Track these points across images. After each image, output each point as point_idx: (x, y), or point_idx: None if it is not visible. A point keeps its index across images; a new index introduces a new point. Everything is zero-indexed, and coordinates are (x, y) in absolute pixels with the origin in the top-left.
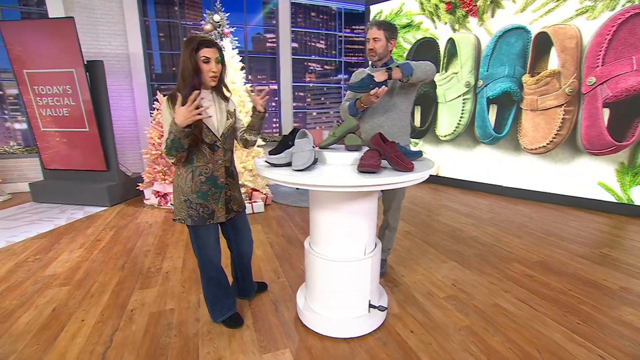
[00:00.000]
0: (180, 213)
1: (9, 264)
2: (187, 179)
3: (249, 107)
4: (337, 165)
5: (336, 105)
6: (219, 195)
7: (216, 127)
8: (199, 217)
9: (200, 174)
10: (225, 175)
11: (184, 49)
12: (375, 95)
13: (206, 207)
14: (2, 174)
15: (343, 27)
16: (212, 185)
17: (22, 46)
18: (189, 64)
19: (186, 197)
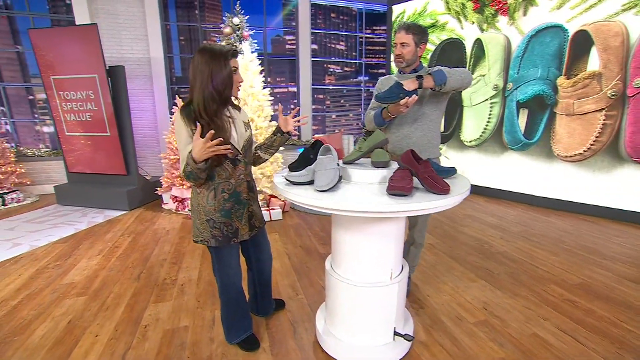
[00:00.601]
0: (203, 234)
1: (31, 269)
2: (209, 198)
3: (267, 112)
4: (363, 183)
5: (356, 107)
6: (242, 211)
7: (237, 141)
8: (224, 237)
9: (223, 191)
10: (247, 190)
11: (211, 57)
12: (405, 105)
13: (230, 225)
14: (30, 176)
15: (364, 28)
16: (235, 202)
17: (50, 53)
18: (223, 76)
19: (209, 217)
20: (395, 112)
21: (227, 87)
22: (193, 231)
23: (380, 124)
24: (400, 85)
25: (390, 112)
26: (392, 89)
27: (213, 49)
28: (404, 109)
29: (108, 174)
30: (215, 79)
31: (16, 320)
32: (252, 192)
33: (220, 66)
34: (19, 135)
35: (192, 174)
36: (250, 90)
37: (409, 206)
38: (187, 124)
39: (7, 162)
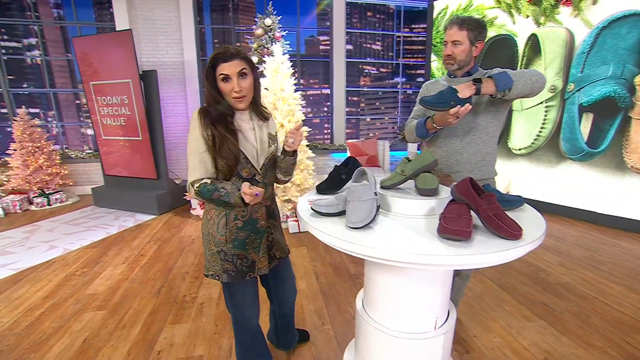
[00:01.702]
0: (213, 267)
1: (61, 275)
2: (220, 226)
3: (298, 116)
4: (405, 216)
5: (391, 110)
6: (260, 242)
7: (256, 157)
8: (237, 272)
9: (236, 217)
10: (267, 216)
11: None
12: (455, 115)
13: (245, 258)
14: (73, 177)
15: (402, 27)
16: (251, 231)
17: (89, 59)
18: (207, 86)
19: (220, 248)
20: (442, 123)
21: (215, 100)
22: (205, 263)
23: (423, 135)
24: (454, 90)
25: (436, 122)
26: (443, 95)
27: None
28: (453, 120)
29: (140, 177)
30: (206, 90)
31: (36, 333)
32: (273, 219)
33: (206, 75)
34: (67, 137)
35: (217, 202)
36: (280, 94)
37: (470, 259)
38: (202, 125)
39: (53, 164)
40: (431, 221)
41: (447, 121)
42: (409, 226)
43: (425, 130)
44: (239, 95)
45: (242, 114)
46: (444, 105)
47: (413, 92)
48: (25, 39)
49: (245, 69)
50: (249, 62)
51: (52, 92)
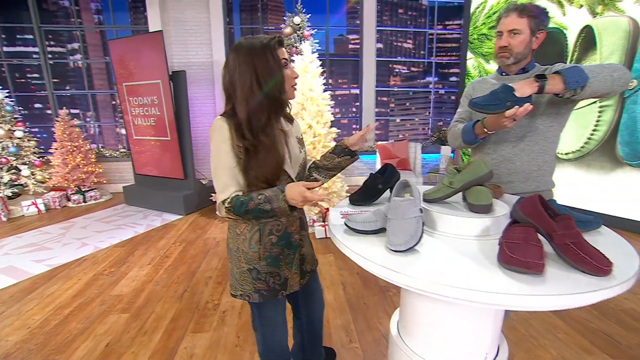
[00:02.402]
0: (243, 287)
1: (90, 274)
2: (253, 242)
3: (327, 117)
4: (453, 236)
5: (422, 111)
6: (293, 257)
7: (291, 165)
8: (269, 291)
9: (271, 232)
10: (300, 228)
11: (250, 51)
12: (512, 117)
13: (278, 275)
14: (107, 175)
15: (435, 24)
16: (284, 246)
17: (123, 61)
18: (273, 74)
19: (251, 266)
20: (495, 127)
21: (281, 88)
22: (230, 280)
23: (471, 141)
24: (510, 89)
25: (488, 126)
26: (497, 94)
27: (252, 42)
28: (509, 123)
29: (168, 177)
30: (262, 80)
31: (63, 334)
32: (304, 230)
33: (266, 60)
34: (103, 137)
35: (260, 213)
36: (309, 94)
37: (546, 301)
38: (233, 136)
39: (89, 162)
40: (486, 244)
41: (502, 124)
42: (460, 250)
43: (474, 135)
44: (296, 83)
45: None
46: (498, 107)
47: (445, 92)
48: (69, 44)
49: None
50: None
51: (90, 93)
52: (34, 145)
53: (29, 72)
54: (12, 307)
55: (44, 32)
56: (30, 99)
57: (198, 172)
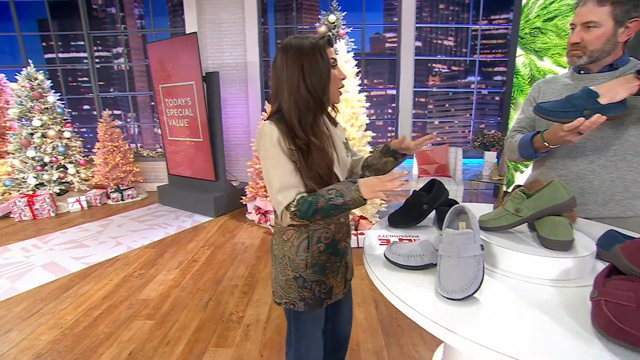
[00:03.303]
0: (288, 295)
1: (121, 274)
2: (301, 249)
3: (362, 120)
4: (521, 278)
5: (463, 113)
6: (339, 265)
7: (339, 168)
8: (315, 300)
9: (319, 240)
10: (346, 235)
11: (299, 51)
12: (576, 130)
13: (324, 284)
14: (144, 175)
15: (480, 18)
16: (331, 254)
17: (159, 63)
18: (320, 73)
19: (298, 274)
20: (555, 140)
21: (326, 88)
22: (274, 288)
23: (529, 156)
24: (591, 93)
25: (549, 141)
26: (573, 100)
27: (301, 42)
28: (572, 138)
29: (199, 178)
30: (309, 79)
31: (90, 338)
32: (349, 237)
33: (315, 60)
34: (142, 137)
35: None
36: (344, 95)
37: None
38: (286, 141)
39: (127, 162)
40: (565, 292)
41: (563, 139)
42: (532, 299)
43: (533, 150)
44: (343, 85)
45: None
46: (571, 115)
47: (489, 92)
48: (114, 48)
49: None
50: None
51: (130, 95)
52: (79, 145)
53: (79, 76)
54: (49, 305)
55: (92, 38)
56: (80, 101)
57: (229, 174)
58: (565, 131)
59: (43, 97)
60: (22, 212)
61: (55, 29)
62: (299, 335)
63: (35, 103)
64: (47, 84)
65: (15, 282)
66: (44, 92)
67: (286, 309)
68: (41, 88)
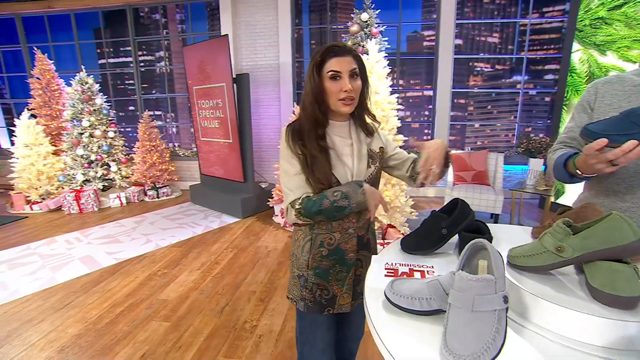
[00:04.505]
0: (293, 291)
1: (146, 272)
2: (305, 249)
3: (393, 123)
4: (559, 339)
5: (507, 115)
6: (346, 275)
7: (349, 180)
8: (315, 303)
9: (322, 245)
10: (357, 248)
11: (309, 65)
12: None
13: (325, 289)
14: (179, 173)
15: (530, 12)
16: (337, 262)
17: (194, 65)
18: (310, 86)
19: (301, 272)
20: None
21: (314, 105)
22: (289, 284)
23: (566, 181)
24: None
25: (581, 168)
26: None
27: (315, 51)
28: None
29: (228, 179)
30: (306, 93)
31: (109, 335)
32: (367, 250)
33: (310, 73)
34: (180, 137)
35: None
36: (374, 98)
37: None
38: (292, 143)
39: (164, 161)
40: None
41: (595, 167)
42: None
43: (568, 174)
44: (348, 96)
45: (339, 125)
46: (630, 137)
47: (537, 92)
48: (157, 52)
49: (357, 70)
50: (361, 64)
51: (169, 96)
52: (121, 144)
53: (126, 79)
54: (80, 298)
55: (138, 43)
56: (126, 103)
57: (259, 176)
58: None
59: (92, 100)
60: (70, 205)
61: (108, 37)
62: (302, 338)
63: (85, 105)
64: (96, 87)
65: (56, 273)
66: (92, 95)
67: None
68: (90, 91)
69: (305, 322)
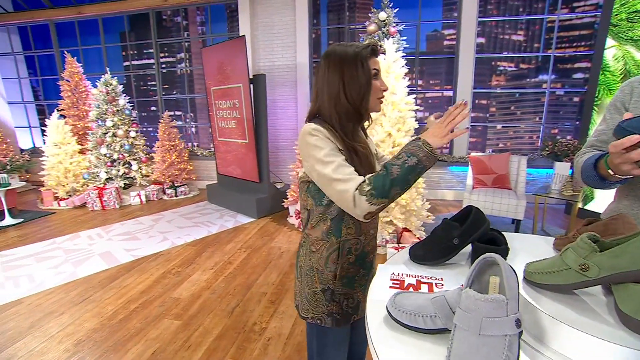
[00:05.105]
0: (315, 309)
1: (161, 270)
2: (330, 260)
3: (410, 125)
4: None
5: (531, 116)
6: (367, 278)
7: None
8: (342, 315)
9: (350, 251)
10: (373, 248)
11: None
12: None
13: (351, 297)
14: (197, 173)
15: (558, 7)
16: (360, 266)
17: (211, 66)
18: (360, 84)
19: (326, 286)
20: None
21: (365, 98)
22: (297, 302)
23: (596, 185)
24: None
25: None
26: None
27: (344, 49)
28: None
29: (244, 179)
30: (349, 89)
31: (123, 331)
32: (376, 249)
33: (355, 70)
34: (199, 136)
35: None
36: (390, 98)
37: None
38: (336, 141)
39: (182, 160)
40: None
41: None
42: None
43: (598, 177)
44: (383, 95)
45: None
46: None
47: (565, 92)
48: (178, 54)
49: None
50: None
51: (189, 97)
52: (142, 143)
53: (149, 80)
54: (97, 293)
55: (160, 46)
56: (148, 103)
57: (274, 176)
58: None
59: (115, 101)
60: (94, 202)
61: (132, 40)
62: (323, 353)
63: (109, 106)
64: (119, 88)
65: (77, 268)
66: (116, 96)
67: (310, 324)
68: (114, 92)
69: (328, 339)
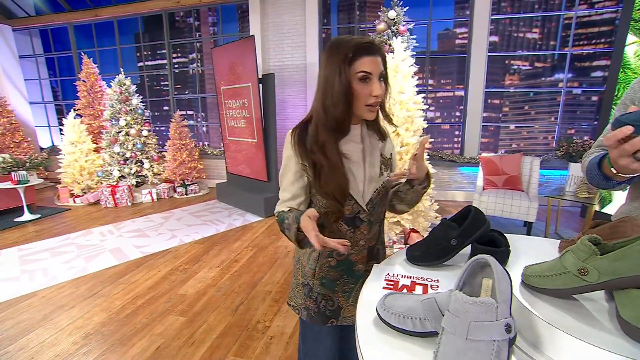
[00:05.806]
0: (295, 299)
1: (169, 267)
2: (312, 257)
3: (418, 124)
4: None
5: (546, 116)
6: (353, 287)
7: (361, 191)
8: (318, 314)
9: (330, 254)
10: (367, 259)
11: (328, 58)
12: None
13: (330, 300)
14: (207, 171)
15: (577, 3)
16: (344, 273)
17: (222, 66)
18: (339, 85)
19: (306, 281)
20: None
21: (339, 104)
22: (290, 290)
23: (601, 186)
24: None
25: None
26: None
27: (336, 42)
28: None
29: (253, 178)
30: (327, 92)
31: (129, 326)
32: (375, 261)
33: (336, 69)
34: (210, 135)
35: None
36: (398, 98)
37: None
38: (296, 153)
39: (193, 159)
40: None
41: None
42: None
43: (603, 177)
44: (376, 102)
45: (352, 129)
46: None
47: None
48: (190, 54)
49: (384, 73)
50: (386, 64)
51: (200, 96)
52: (154, 142)
53: (162, 80)
54: (107, 288)
55: (172, 46)
56: (161, 103)
57: None
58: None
59: (128, 100)
60: (107, 200)
61: (146, 41)
62: (305, 347)
63: (123, 105)
64: (133, 88)
65: (88, 263)
66: (129, 96)
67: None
68: (127, 92)
69: (308, 331)
